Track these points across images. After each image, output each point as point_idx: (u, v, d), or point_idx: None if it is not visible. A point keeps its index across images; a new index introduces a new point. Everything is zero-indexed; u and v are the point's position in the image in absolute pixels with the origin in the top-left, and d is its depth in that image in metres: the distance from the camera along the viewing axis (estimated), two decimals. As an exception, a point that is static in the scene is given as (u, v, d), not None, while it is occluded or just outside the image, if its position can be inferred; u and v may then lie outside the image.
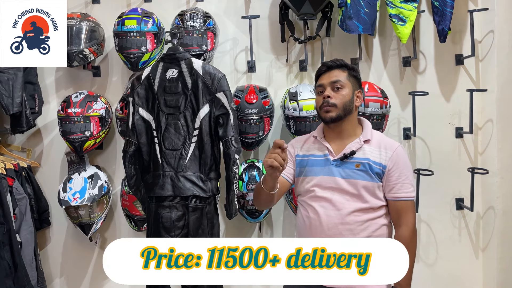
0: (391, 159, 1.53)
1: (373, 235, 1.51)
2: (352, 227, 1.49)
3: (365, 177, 1.52)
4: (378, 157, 1.54)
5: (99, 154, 2.57)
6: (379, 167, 1.53)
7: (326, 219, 1.52)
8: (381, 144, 1.57)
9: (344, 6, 2.25)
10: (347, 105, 1.56)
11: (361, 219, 1.50)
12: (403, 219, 1.53)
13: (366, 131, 1.60)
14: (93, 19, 2.39)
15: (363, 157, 1.54)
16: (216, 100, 1.93)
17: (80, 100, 2.29)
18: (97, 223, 2.36)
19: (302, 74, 2.52)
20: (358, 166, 1.53)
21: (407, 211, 1.54)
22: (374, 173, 1.52)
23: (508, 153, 2.33)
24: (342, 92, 1.56)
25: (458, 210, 2.49)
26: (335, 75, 1.59)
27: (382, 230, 1.54)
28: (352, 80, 1.60)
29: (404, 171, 1.53)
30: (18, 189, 2.25)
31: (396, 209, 1.54)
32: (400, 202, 1.53)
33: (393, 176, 1.52)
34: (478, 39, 2.43)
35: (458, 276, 2.49)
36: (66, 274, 2.63)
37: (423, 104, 2.37)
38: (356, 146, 1.56)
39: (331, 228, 1.51)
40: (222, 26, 2.48)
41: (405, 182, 1.53)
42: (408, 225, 1.53)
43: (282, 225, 2.55)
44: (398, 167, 1.53)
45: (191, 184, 1.90)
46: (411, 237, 1.53)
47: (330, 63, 1.62)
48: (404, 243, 1.45)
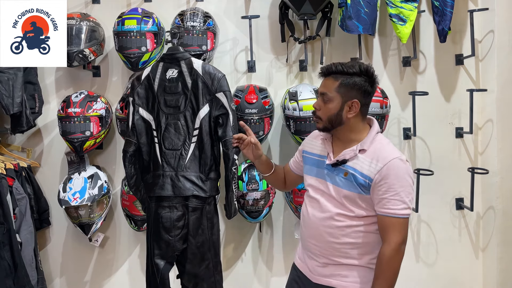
0: (379, 172, 1.41)
1: (356, 242, 1.47)
2: (332, 230, 1.49)
3: (349, 187, 1.46)
4: (367, 169, 1.45)
5: (99, 154, 2.57)
6: (363, 179, 1.44)
7: (312, 218, 1.54)
8: (376, 155, 1.46)
9: (344, 6, 2.25)
10: (332, 119, 1.49)
11: (341, 225, 1.47)
12: (386, 235, 1.41)
13: (367, 139, 1.50)
14: (93, 19, 2.39)
15: (352, 167, 1.48)
16: (216, 100, 1.93)
17: (80, 100, 2.29)
18: (97, 223, 2.36)
19: (302, 74, 2.52)
20: (346, 174, 1.48)
21: (392, 229, 1.40)
22: (358, 183, 1.45)
23: (508, 153, 2.33)
24: (329, 105, 1.48)
25: (458, 210, 2.48)
26: (324, 85, 1.52)
27: (368, 238, 1.48)
28: (344, 90, 1.46)
29: (394, 186, 1.40)
30: (18, 189, 2.25)
31: (381, 224, 1.44)
32: (385, 218, 1.41)
33: (380, 190, 1.42)
34: (478, 39, 2.43)
35: (458, 276, 2.49)
36: (66, 274, 2.63)
37: (423, 104, 2.37)
38: (351, 154, 1.49)
39: (314, 227, 1.53)
40: (222, 26, 2.48)
41: (394, 198, 1.40)
42: (390, 244, 1.40)
43: (282, 225, 2.55)
44: (387, 181, 1.40)
45: (191, 184, 1.90)
46: (391, 256, 1.39)
47: (324, 69, 1.52)
48: (382, 261, 1.41)
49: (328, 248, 1.50)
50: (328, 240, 1.49)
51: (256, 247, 2.58)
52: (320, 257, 1.52)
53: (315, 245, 1.53)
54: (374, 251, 1.46)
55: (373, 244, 1.48)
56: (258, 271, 2.58)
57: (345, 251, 1.48)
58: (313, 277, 1.55)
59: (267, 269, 2.58)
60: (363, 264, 1.48)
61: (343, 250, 1.48)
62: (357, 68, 1.47)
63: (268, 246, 2.57)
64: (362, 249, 1.48)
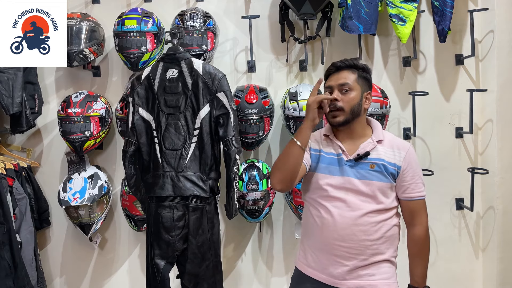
0: (405, 159, 1.53)
1: (385, 235, 1.51)
2: (366, 228, 1.49)
3: (380, 178, 1.51)
4: (393, 158, 1.53)
5: (99, 154, 2.57)
6: (393, 168, 1.52)
7: (340, 219, 1.50)
8: (394, 144, 1.56)
9: (344, 6, 2.25)
10: (354, 109, 1.52)
11: (374, 220, 1.50)
12: (417, 218, 1.55)
13: (377, 132, 1.58)
14: (93, 19, 2.39)
15: (377, 158, 1.53)
16: (217, 100, 1.93)
17: (80, 100, 2.29)
18: (97, 223, 2.36)
19: (302, 74, 2.52)
20: (373, 166, 1.52)
21: (421, 211, 1.55)
22: (389, 173, 1.51)
23: (508, 153, 2.33)
24: (350, 95, 1.52)
25: (458, 210, 2.49)
26: (343, 76, 1.55)
27: (393, 231, 1.54)
28: (362, 82, 1.55)
29: (416, 171, 1.55)
30: (18, 189, 2.25)
31: (409, 209, 1.55)
32: (414, 202, 1.54)
33: (407, 176, 1.53)
34: (478, 39, 2.43)
35: (458, 276, 2.50)
36: (66, 274, 2.63)
37: (423, 104, 2.37)
38: (370, 146, 1.54)
39: (344, 228, 1.50)
40: (222, 26, 2.48)
41: (418, 182, 1.54)
42: (423, 224, 1.55)
43: (282, 225, 2.55)
44: (412, 167, 1.53)
45: (191, 184, 1.90)
46: (426, 236, 1.55)
47: (339, 63, 1.57)
48: (420, 242, 1.53)
49: (359, 247, 1.49)
50: (361, 238, 1.49)
51: (256, 247, 2.58)
52: (349, 259, 1.50)
53: (344, 247, 1.50)
54: (395, 244, 1.57)
55: (395, 237, 1.56)
56: (258, 271, 2.58)
57: (376, 247, 1.50)
58: (337, 283, 1.52)
59: (267, 269, 2.58)
60: (388, 258, 1.53)
61: (374, 247, 1.50)
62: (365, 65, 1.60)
63: (268, 246, 2.57)
64: (388, 243, 1.53)
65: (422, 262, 1.54)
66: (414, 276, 1.55)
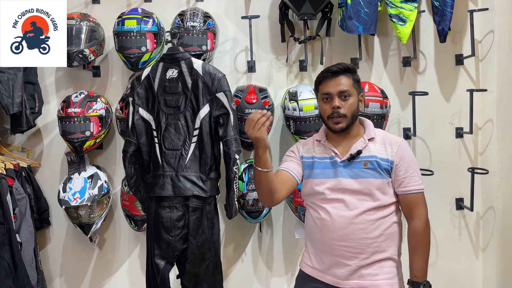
0: (397, 154, 1.54)
1: (385, 233, 1.52)
2: (364, 226, 1.50)
3: (375, 175, 1.53)
4: (385, 153, 1.55)
5: (99, 154, 2.57)
6: (386, 163, 1.54)
7: (338, 219, 1.52)
8: (385, 140, 1.58)
9: (344, 6, 2.25)
10: (355, 113, 1.58)
11: (373, 218, 1.51)
12: (415, 212, 1.55)
13: (369, 130, 1.61)
14: (93, 19, 2.39)
15: (369, 155, 1.55)
16: (216, 100, 1.93)
17: (80, 100, 2.29)
18: (97, 223, 2.36)
19: (302, 74, 2.52)
20: (366, 164, 1.54)
21: (419, 204, 1.55)
22: (383, 169, 1.53)
23: (508, 153, 2.33)
24: (350, 101, 1.56)
25: (458, 210, 2.49)
26: (342, 83, 1.57)
27: (393, 228, 1.55)
28: (356, 85, 1.60)
29: (411, 164, 1.55)
30: (18, 189, 2.25)
31: (407, 203, 1.55)
32: (411, 195, 1.54)
33: (401, 170, 1.53)
34: (478, 39, 2.43)
35: (458, 276, 2.49)
36: (66, 274, 2.63)
37: (423, 104, 2.37)
38: (362, 145, 1.57)
39: (343, 227, 1.51)
40: (222, 26, 2.48)
41: (413, 175, 1.54)
42: (421, 217, 1.54)
43: (282, 225, 2.55)
44: (405, 161, 1.54)
45: (191, 184, 1.90)
46: (425, 229, 1.54)
47: (335, 68, 1.58)
48: (419, 235, 1.53)
49: (359, 245, 1.50)
50: (361, 237, 1.50)
51: (256, 247, 2.58)
52: (351, 258, 1.51)
53: (344, 246, 1.51)
54: (397, 242, 1.57)
55: (396, 234, 1.56)
56: (258, 271, 2.58)
57: (376, 245, 1.50)
58: (340, 283, 1.53)
59: (267, 269, 2.58)
60: (390, 256, 1.53)
61: (374, 245, 1.50)
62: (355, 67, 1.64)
63: (268, 246, 2.57)
64: (389, 240, 1.53)
65: (421, 256, 1.53)
66: (414, 270, 1.54)
